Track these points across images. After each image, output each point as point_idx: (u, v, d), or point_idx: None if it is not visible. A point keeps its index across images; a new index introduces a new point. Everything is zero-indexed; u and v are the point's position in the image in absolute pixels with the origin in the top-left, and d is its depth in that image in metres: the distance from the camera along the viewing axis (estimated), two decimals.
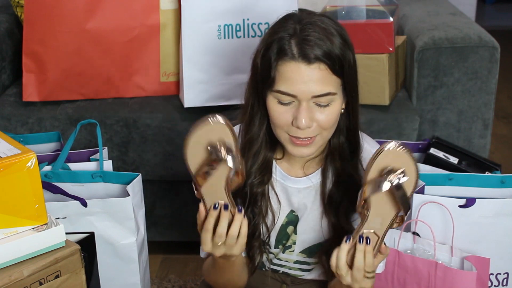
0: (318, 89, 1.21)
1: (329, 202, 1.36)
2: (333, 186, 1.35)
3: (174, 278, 2.04)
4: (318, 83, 1.21)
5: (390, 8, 1.92)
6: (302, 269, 1.45)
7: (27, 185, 1.19)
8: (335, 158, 1.33)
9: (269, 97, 1.25)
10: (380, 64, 1.87)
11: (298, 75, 1.20)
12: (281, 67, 1.21)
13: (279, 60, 1.21)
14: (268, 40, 1.24)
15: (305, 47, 1.20)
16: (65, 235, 1.25)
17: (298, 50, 1.20)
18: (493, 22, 4.87)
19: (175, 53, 2.01)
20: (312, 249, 1.41)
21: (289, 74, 1.21)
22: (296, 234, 1.41)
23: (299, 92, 1.21)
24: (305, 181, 1.36)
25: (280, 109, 1.24)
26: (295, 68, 1.20)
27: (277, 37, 1.23)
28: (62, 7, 1.92)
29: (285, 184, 1.37)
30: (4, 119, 1.94)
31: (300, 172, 1.37)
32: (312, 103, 1.22)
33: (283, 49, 1.21)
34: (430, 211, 1.58)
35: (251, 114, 1.31)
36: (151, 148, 1.95)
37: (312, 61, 1.20)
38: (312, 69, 1.20)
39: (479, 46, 1.89)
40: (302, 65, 1.20)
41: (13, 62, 2.13)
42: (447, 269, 1.50)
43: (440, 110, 1.93)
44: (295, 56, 1.20)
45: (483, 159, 1.84)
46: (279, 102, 1.24)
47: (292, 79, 1.21)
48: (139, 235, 1.62)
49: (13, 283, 1.17)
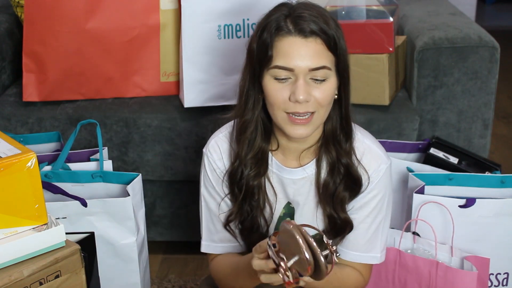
0: (314, 62, 1.23)
1: (324, 191, 1.37)
2: (328, 175, 1.36)
3: (174, 278, 2.04)
4: (314, 57, 1.23)
5: (390, 8, 1.92)
6: None
7: (27, 185, 1.19)
8: (329, 147, 1.35)
9: (266, 77, 1.27)
10: (380, 64, 1.87)
11: (295, 49, 1.23)
12: (278, 43, 1.24)
13: (276, 37, 1.24)
14: (263, 23, 1.28)
15: (300, 22, 1.23)
16: (65, 235, 1.25)
17: (294, 25, 1.23)
18: (493, 22, 4.87)
19: (175, 53, 2.01)
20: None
21: (286, 48, 1.23)
22: None
23: (296, 65, 1.23)
24: (300, 172, 1.37)
25: (277, 86, 1.26)
26: (292, 42, 1.23)
27: (273, 18, 1.26)
28: (62, 7, 1.92)
29: (281, 175, 1.38)
30: (4, 119, 1.94)
31: (295, 163, 1.38)
32: (308, 78, 1.25)
33: (279, 27, 1.24)
34: (430, 211, 1.58)
35: (246, 99, 1.33)
36: (151, 148, 1.95)
37: (308, 35, 1.23)
38: (308, 42, 1.23)
39: (479, 46, 1.89)
40: (298, 39, 1.23)
41: (13, 62, 2.13)
42: (448, 269, 1.50)
43: (440, 110, 1.93)
44: (291, 31, 1.23)
45: (483, 159, 1.84)
46: (275, 79, 1.25)
47: (289, 53, 1.23)
48: (139, 235, 1.62)
49: (13, 283, 1.17)
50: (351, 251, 1.40)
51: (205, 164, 1.41)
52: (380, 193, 1.37)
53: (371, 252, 1.40)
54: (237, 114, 1.36)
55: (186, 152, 1.95)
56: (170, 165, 1.97)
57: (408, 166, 1.74)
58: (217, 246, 1.43)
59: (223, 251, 1.44)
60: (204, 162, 1.41)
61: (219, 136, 1.40)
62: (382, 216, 1.39)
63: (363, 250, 1.39)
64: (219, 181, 1.39)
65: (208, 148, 1.41)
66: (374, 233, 1.39)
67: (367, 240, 1.39)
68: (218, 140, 1.40)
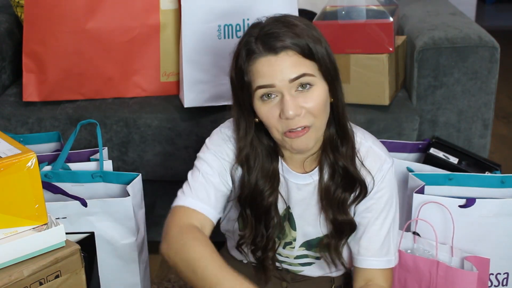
0: (292, 72, 1.23)
1: (326, 195, 1.36)
2: (329, 179, 1.36)
3: (174, 278, 2.04)
4: (290, 67, 1.23)
5: (390, 8, 1.92)
6: (301, 264, 1.45)
7: (27, 185, 1.19)
8: (328, 151, 1.35)
9: (255, 101, 1.27)
10: (380, 64, 1.87)
11: (270, 67, 1.23)
12: (252, 66, 1.25)
13: (248, 61, 1.25)
14: (236, 51, 1.28)
15: (269, 41, 1.23)
16: (65, 235, 1.25)
17: (263, 45, 1.23)
18: (493, 22, 4.87)
19: (175, 53, 2.01)
20: (311, 242, 1.42)
21: (260, 68, 1.24)
22: (296, 230, 1.41)
23: (275, 80, 1.23)
24: (307, 178, 1.37)
25: (266, 106, 1.26)
26: (264, 61, 1.23)
27: (243, 44, 1.27)
28: (62, 7, 1.92)
29: (287, 178, 1.38)
30: (4, 119, 1.94)
31: (300, 170, 1.38)
32: (293, 91, 1.24)
33: (250, 51, 1.25)
34: (430, 211, 1.58)
35: (237, 126, 1.34)
36: (151, 148, 1.95)
37: (278, 51, 1.23)
38: (280, 57, 1.23)
39: (479, 46, 1.89)
40: (270, 57, 1.23)
41: (13, 62, 2.13)
42: (448, 269, 1.50)
43: (440, 110, 1.93)
44: (261, 51, 1.23)
45: (483, 159, 1.84)
46: (262, 100, 1.26)
47: (264, 72, 1.23)
48: (139, 235, 1.62)
49: (13, 283, 1.17)
50: (368, 257, 1.39)
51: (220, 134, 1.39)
52: (386, 193, 1.37)
53: (387, 255, 1.39)
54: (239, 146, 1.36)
55: (186, 152, 1.95)
56: (170, 165, 1.97)
57: (408, 166, 1.74)
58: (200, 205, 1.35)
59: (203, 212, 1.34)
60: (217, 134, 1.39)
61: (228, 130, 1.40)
62: (392, 217, 1.39)
63: (379, 255, 1.38)
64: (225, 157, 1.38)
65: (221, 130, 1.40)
66: (387, 235, 1.39)
67: (381, 243, 1.38)
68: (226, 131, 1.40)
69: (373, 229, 1.38)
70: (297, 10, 1.90)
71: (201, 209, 1.34)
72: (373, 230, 1.38)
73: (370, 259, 1.39)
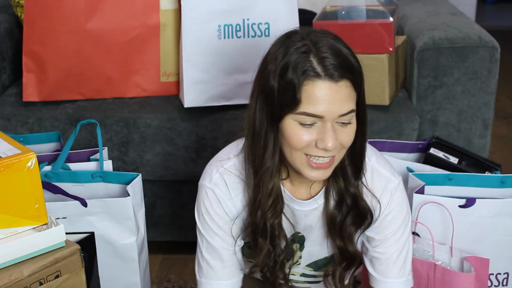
0: (344, 108, 1.16)
1: (332, 224, 1.32)
2: (335, 207, 1.31)
3: (174, 278, 2.04)
4: (344, 102, 1.15)
5: (390, 8, 1.92)
6: (308, 282, 1.44)
7: (27, 185, 1.19)
8: (338, 178, 1.29)
9: (287, 120, 1.18)
10: (380, 64, 1.87)
11: (326, 95, 1.14)
12: (307, 87, 1.14)
13: (304, 81, 1.14)
14: (284, 61, 1.16)
15: (328, 66, 1.14)
16: (65, 235, 1.25)
17: (322, 68, 1.14)
18: (493, 22, 4.87)
19: (175, 53, 2.01)
20: (318, 263, 1.40)
21: (316, 94, 1.14)
22: (302, 251, 1.39)
23: (326, 112, 1.15)
24: (312, 203, 1.32)
25: (301, 131, 1.17)
26: (323, 87, 1.14)
27: (294, 55, 1.16)
28: (62, 7, 1.92)
29: (292, 207, 1.33)
30: (4, 119, 1.94)
31: (304, 192, 1.33)
32: (335, 122, 1.17)
33: (306, 68, 1.14)
34: (430, 211, 1.58)
35: (265, 143, 1.22)
36: (151, 148, 1.95)
37: (338, 80, 1.14)
38: (339, 87, 1.15)
39: (479, 46, 1.89)
40: (329, 83, 1.14)
41: (13, 62, 2.13)
42: (445, 271, 1.50)
43: (440, 110, 1.93)
44: (319, 74, 1.14)
45: (483, 159, 1.84)
46: (300, 124, 1.17)
47: (319, 100, 1.14)
48: (139, 235, 1.62)
49: (13, 283, 1.17)
50: (386, 278, 1.36)
51: (209, 199, 1.30)
52: (398, 215, 1.32)
53: (405, 276, 1.36)
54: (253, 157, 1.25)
55: (186, 152, 1.95)
56: (170, 165, 1.97)
57: (408, 166, 1.74)
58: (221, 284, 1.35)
59: None
60: (206, 196, 1.31)
61: (223, 169, 1.30)
62: (407, 236, 1.35)
63: (397, 276, 1.35)
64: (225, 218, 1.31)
65: (212, 182, 1.30)
66: (401, 255, 1.35)
67: (396, 264, 1.34)
68: (224, 173, 1.30)
69: (389, 250, 1.34)
70: (297, 10, 1.90)
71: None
72: (389, 251, 1.34)
73: (388, 281, 1.35)
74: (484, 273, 1.53)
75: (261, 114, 1.21)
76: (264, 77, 1.20)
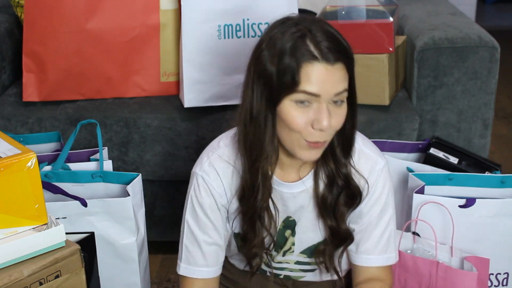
0: (339, 87, 1.22)
1: (323, 204, 1.35)
2: (326, 188, 1.34)
3: (174, 278, 2.04)
4: (339, 82, 1.21)
5: (390, 8, 1.92)
6: (303, 270, 1.45)
7: (27, 185, 1.19)
8: (328, 159, 1.32)
9: (285, 102, 1.22)
10: (380, 64, 1.87)
11: (324, 76, 1.20)
12: (306, 69, 1.19)
13: (303, 63, 1.19)
14: (281, 46, 1.21)
15: (324, 49, 1.20)
16: (65, 235, 1.25)
17: (319, 51, 1.20)
18: (493, 22, 4.87)
19: (175, 53, 2.01)
20: (312, 248, 1.41)
21: (315, 75, 1.20)
22: (294, 236, 1.41)
23: (323, 91, 1.20)
24: (299, 185, 1.35)
25: (298, 111, 1.22)
26: (321, 68, 1.20)
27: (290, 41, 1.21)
28: (62, 7, 1.92)
29: (280, 191, 1.36)
30: (4, 119, 1.94)
31: (293, 176, 1.35)
32: (329, 103, 1.22)
33: (303, 52, 1.20)
34: (430, 211, 1.58)
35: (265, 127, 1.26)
36: (151, 148, 1.95)
37: (333, 62, 1.20)
38: (335, 69, 1.20)
39: (479, 46, 1.89)
40: (325, 65, 1.20)
41: (13, 62, 2.13)
42: (448, 269, 1.50)
43: (440, 110, 1.93)
44: (317, 58, 1.19)
45: (483, 159, 1.84)
46: (297, 103, 1.21)
47: (318, 80, 1.20)
48: (139, 235, 1.62)
49: (13, 283, 1.17)
50: (366, 255, 1.39)
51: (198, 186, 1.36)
52: (382, 194, 1.37)
53: (386, 253, 1.39)
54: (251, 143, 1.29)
55: (186, 152, 1.95)
56: (170, 165, 1.97)
57: (408, 166, 1.74)
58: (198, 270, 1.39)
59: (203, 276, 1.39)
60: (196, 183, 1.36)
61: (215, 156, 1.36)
62: (389, 215, 1.39)
63: (378, 252, 1.39)
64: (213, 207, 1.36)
65: (202, 169, 1.35)
66: (385, 234, 1.39)
67: (380, 242, 1.38)
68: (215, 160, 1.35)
69: (371, 228, 1.38)
70: (297, 10, 1.90)
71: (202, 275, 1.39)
72: (371, 229, 1.38)
73: (369, 257, 1.39)
74: (484, 273, 1.53)
75: (259, 100, 1.25)
76: (260, 63, 1.24)
